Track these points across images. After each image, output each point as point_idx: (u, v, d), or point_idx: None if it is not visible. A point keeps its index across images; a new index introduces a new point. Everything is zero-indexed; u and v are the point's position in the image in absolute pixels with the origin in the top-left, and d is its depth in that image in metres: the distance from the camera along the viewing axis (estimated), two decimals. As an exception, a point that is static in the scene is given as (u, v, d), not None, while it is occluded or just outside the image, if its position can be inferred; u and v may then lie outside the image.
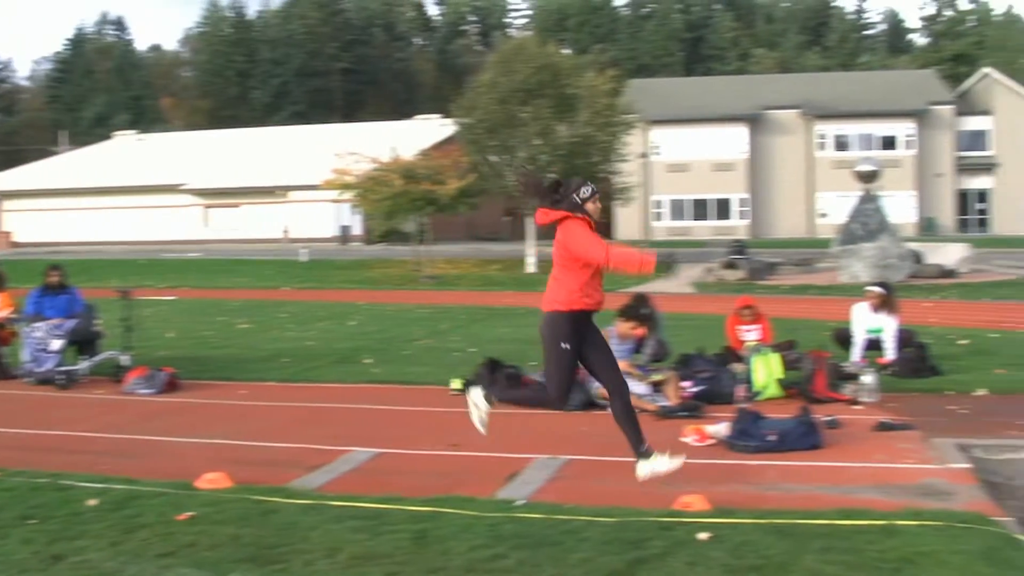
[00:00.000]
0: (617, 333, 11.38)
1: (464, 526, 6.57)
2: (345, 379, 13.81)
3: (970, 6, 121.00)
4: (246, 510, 6.99)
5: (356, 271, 42.34)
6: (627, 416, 7.67)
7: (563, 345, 7.52)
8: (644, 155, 68.62)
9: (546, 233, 8.85)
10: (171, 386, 12.91)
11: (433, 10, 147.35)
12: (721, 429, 9.34)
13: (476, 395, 7.73)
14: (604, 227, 70.29)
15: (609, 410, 10.88)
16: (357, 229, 67.14)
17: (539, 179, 7.91)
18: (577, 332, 7.55)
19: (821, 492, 7.59)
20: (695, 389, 11.45)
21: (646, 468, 7.56)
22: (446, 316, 23.30)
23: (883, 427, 9.84)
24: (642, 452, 7.59)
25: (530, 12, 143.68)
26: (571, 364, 7.60)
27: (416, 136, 63.50)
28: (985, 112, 75.16)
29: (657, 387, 11.12)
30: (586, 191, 7.66)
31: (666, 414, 10.61)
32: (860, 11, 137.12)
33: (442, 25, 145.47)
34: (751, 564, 5.86)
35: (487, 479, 8.03)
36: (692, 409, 10.69)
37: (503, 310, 24.98)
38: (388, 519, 6.74)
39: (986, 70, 79.92)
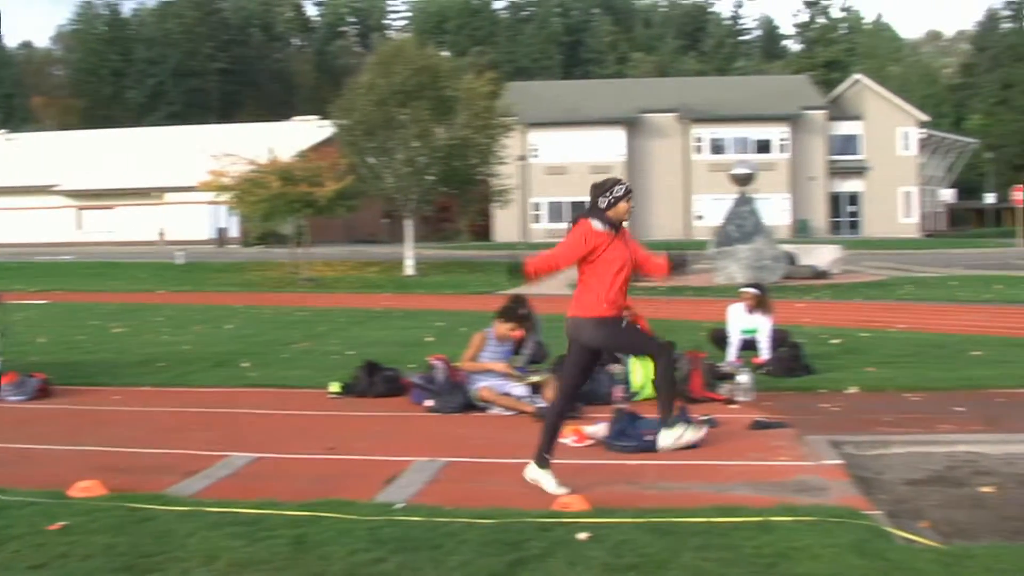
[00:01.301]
0: (495, 335, 11.39)
1: (343, 530, 6.51)
2: (222, 383, 13.61)
3: (842, 14, 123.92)
4: (121, 518, 6.84)
5: (233, 274, 41.80)
6: (556, 422, 7.89)
7: (621, 326, 7.97)
8: (522, 157, 68.98)
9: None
10: (42, 392, 12.60)
11: (312, 11, 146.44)
12: (599, 430, 9.41)
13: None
14: (483, 229, 70.81)
15: (488, 412, 10.93)
16: (234, 231, 66.40)
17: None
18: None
19: (698, 490, 7.68)
20: (574, 390, 11.49)
21: (535, 474, 7.71)
22: (324, 319, 23.11)
23: (758, 425, 10.00)
24: (542, 459, 7.72)
25: (409, 14, 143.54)
26: (634, 327, 8.20)
27: (294, 137, 63.01)
28: (856, 117, 77.03)
29: (535, 389, 11.14)
30: (619, 190, 7.83)
31: (544, 415, 10.63)
32: (736, 17, 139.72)
33: (321, 26, 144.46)
34: (630, 563, 5.91)
35: (366, 482, 7.98)
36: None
37: (381, 312, 24.88)
38: (266, 524, 6.65)
39: (857, 76, 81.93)
